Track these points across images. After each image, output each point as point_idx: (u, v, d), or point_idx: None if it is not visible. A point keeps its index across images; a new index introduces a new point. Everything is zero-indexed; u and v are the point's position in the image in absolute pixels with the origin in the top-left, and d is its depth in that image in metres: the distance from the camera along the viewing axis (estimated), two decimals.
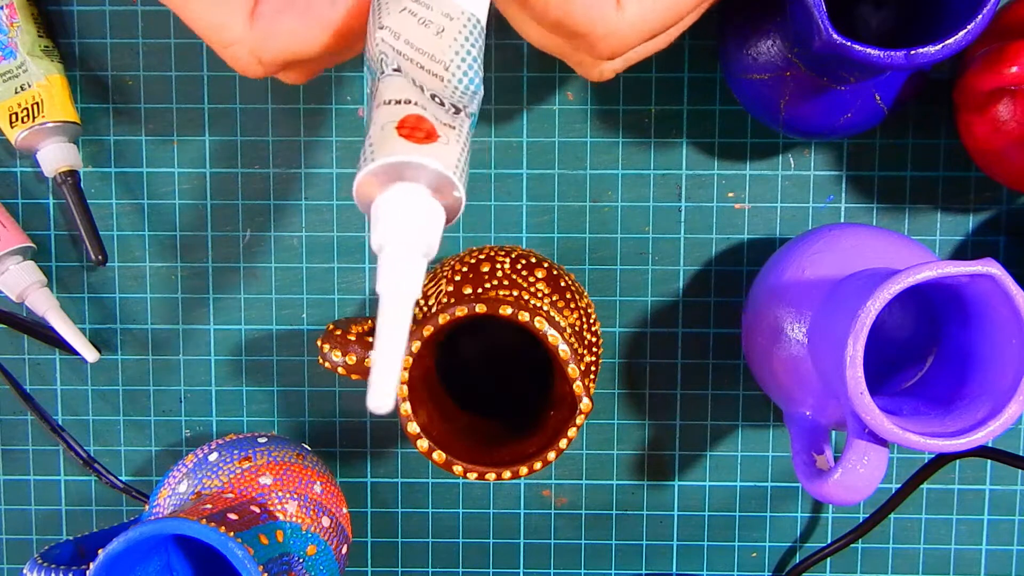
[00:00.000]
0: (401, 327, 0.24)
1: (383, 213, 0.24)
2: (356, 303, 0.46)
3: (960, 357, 0.36)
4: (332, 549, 0.41)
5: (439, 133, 0.25)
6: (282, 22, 0.29)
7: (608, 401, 0.47)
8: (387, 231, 0.24)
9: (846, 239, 0.39)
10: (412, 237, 0.24)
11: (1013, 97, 0.37)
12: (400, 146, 0.24)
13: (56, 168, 0.43)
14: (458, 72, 0.26)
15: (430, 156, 0.24)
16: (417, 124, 0.25)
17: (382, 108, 0.25)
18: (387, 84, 0.26)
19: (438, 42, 0.26)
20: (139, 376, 0.47)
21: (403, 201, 0.24)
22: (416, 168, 0.24)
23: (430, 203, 0.24)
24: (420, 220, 0.24)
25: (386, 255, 0.24)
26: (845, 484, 0.34)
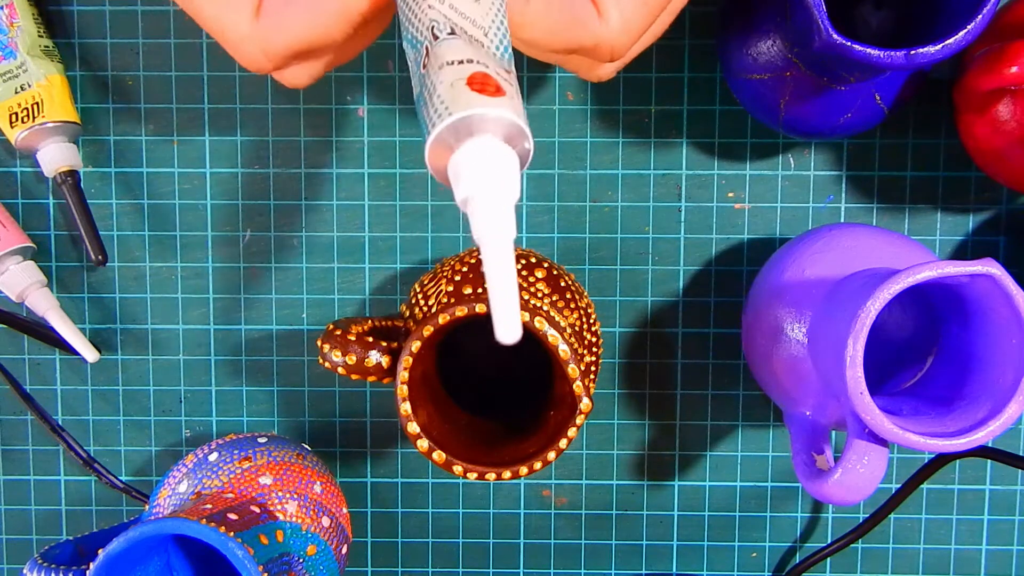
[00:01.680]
0: (508, 265, 0.24)
1: (468, 165, 0.24)
2: (356, 303, 0.46)
3: (960, 357, 0.36)
4: (332, 549, 0.41)
5: (504, 88, 0.25)
6: (288, 13, 0.29)
7: (608, 401, 0.47)
8: (475, 182, 0.24)
9: (846, 239, 0.39)
10: (499, 184, 0.24)
11: (1013, 97, 0.37)
12: (476, 99, 0.24)
13: (56, 168, 0.43)
14: (495, 38, 0.27)
15: (505, 107, 0.24)
16: (486, 80, 0.25)
17: (445, 68, 0.25)
18: (446, 47, 0.26)
19: (477, 7, 0.27)
20: (139, 376, 0.47)
21: (485, 152, 0.24)
22: (491, 121, 0.24)
23: (508, 151, 0.25)
24: (503, 167, 0.24)
25: (477, 204, 0.24)
26: (845, 484, 0.34)
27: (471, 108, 0.24)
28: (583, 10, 0.29)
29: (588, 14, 0.29)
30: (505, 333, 0.24)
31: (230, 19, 0.29)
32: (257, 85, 0.45)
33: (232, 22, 0.29)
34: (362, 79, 0.45)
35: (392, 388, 0.37)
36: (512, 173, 0.25)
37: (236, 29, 0.29)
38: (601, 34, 0.29)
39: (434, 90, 0.25)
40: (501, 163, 0.25)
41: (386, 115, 0.45)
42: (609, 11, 0.29)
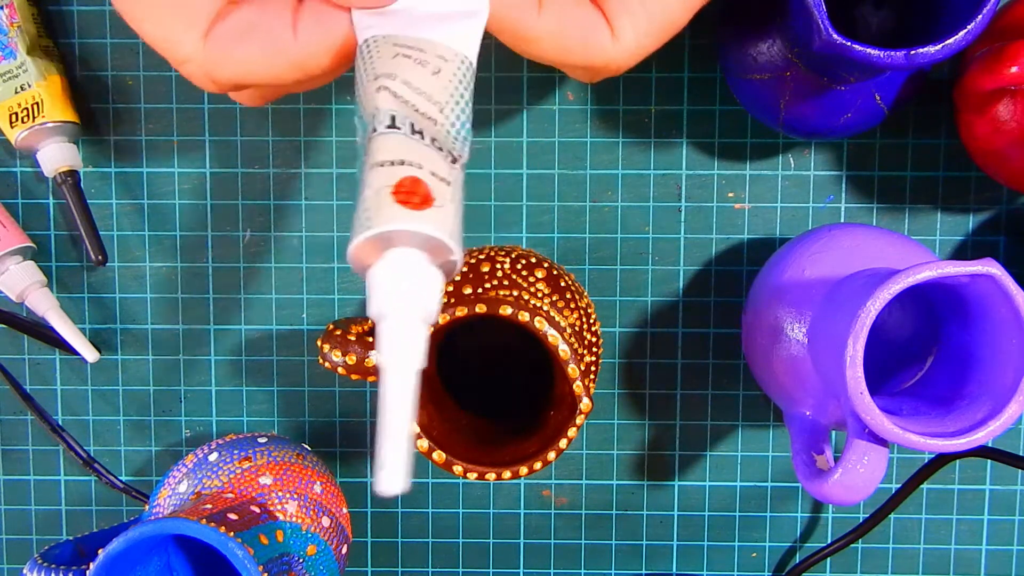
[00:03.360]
0: (407, 399, 0.23)
1: (380, 282, 0.24)
2: (356, 303, 0.46)
3: (960, 357, 0.36)
4: (332, 549, 0.41)
5: (434, 196, 0.24)
6: (239, 47, 0.28)
7: (608, 401, 0.47)
8: (385, 301, 0.23)
9: (846, 239, 0.39)
10: (411, 305, 0.23)
11: (1013, 97, 0.37)
12: (396, 213, 0.23)
13: (56, 168, 0.43)
14: (451, 115, 0.26)
15: (426, 222, 0.23)
16: (413, 188, 0.24)
17: (376, 170, 0.24)
18: (381, 143, 0.25)
19: (435, 82, 0.26)
20: (139, 376, 0.47)
21: (400, 269, 0.24)
22: (412, 235, 0.23)
23: (427, 269, 0.24)
24: (418, 287, 0.24)
25: (386, 326, 0.23)
26: (845, 484, 0.34)
27: (390, 224, 0.23)
28: (596, 29, 0.28)
29: (601, 33, 0.28)
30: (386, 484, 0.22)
31: (176, 38, 0.28)
32: None
33: (178, 41, 0.28)
34: None
35: None
36: (428, 294, 0.24)
37: (181, 49, 0.28)
38: (612, 54, 0.29)
39: (363, 190, 0.24)
40: (417, 284, 0.24)
41: None
42: (624, 31, 0.28)
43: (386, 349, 0.23)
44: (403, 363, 0.23)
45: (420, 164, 0.25)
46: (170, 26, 0.28)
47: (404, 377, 0.23)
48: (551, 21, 0.28)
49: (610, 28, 0.28)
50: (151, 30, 0.28)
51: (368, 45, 0.27)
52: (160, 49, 0.28)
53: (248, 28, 0.28)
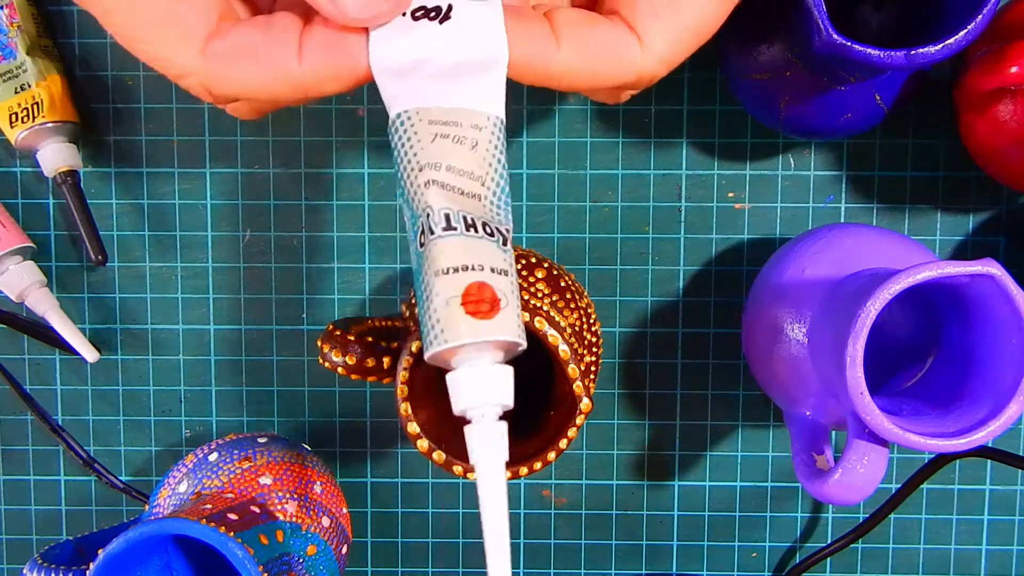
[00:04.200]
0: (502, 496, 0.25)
1: (459, 387, 0.26)
2: (356, 303, 0.46)
3: (960, 357, 0.36)
4: (332, 549, 0.41)
5: (499, 296, 0.25)
6: (239, 65, 0.27)
7: (608, 401, 0.47)
8: (467, 403, 0.26)
9: (846, 239, 0.39)
10: (491, 406, 0.26)
11: (1013, 97, 0.37)
12: (469, 327, 0.25)
13: (56, 168, 0.43)
14: (492, 185, 0.27)
15: (497, 330, 0.25)
16: (480, 295, 0.25)
17: (441, 278, 0.25)
18: (441, 248, 0.25)
19: (474, 157, 0.26)
20: (139, 376, 0.47)
21: (478, 376, 0.25)
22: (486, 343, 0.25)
23: (500, 369, 0.26)
24: (495, 388, 0.26)
25: (472, 428, 0.26)
26: (845, 484, 0.34)
27: (466, 338, 0.24)
28: (622, 44, 0.27)
29: (628, 47, 0.27)
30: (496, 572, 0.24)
31: (171, 55, 0.27)
32: None
33: (173, 58, 0.27)
34: None
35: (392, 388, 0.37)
36: (503, 390, 0.26)
37: (180, 64, 0.28)
38: (643, 66, 0.27)
39: (430, 297, 0.25)
40: (493, 384, 0.25)
41: (386, 115, 0.45)
42: (652, 39, 0.27)
43: (478, 451, 0.25)
44: (492, 460, 0.25)
45: (482, 265, 0.25)
46: (164, 44, 0.27)
47: (497, 474, 0.25)
48: (573, 52, 0.27)
49: (637, 38, 0.27)
50: (146, 49, 0.28)
51: (403, 122, 0.27)
52: (157, 67, 0.28)
53: (249, 47, 0.27)
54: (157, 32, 0.27)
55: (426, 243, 0.25)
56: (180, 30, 0.27)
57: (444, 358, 0.25)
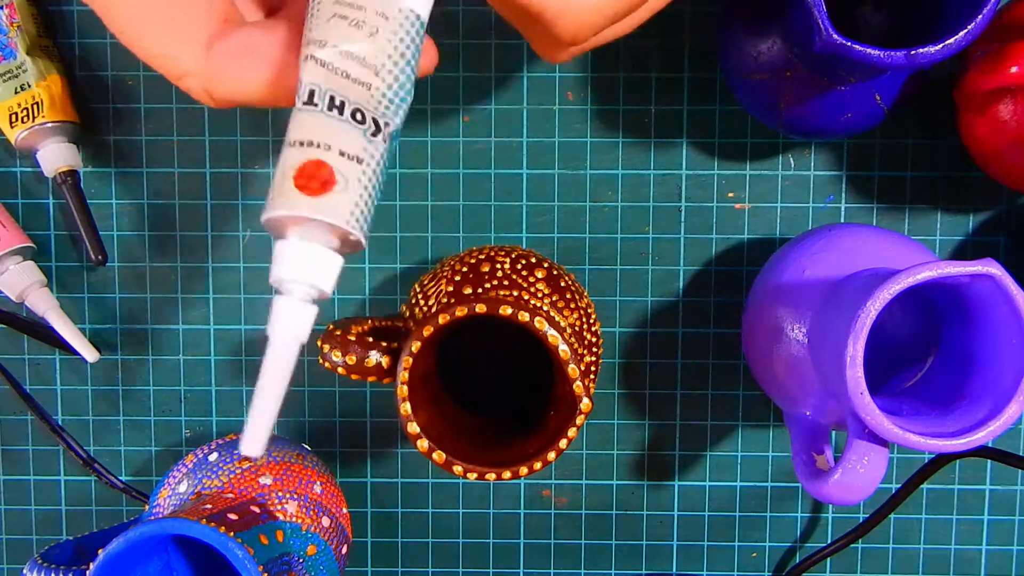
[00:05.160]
0: (283, 372, 0.25)
1: (279, 258, 0.26)
2: (356, 303, 0.46)
3: (960, 357, 0.36)
4: (332, 549, 0.41)
5: (336, 178, 0.25)
6: (241, 67, 0.27)
7: (608, 401, 0.47)
8: (280, 276, 0.26)
9: (846, 239, 0.39)
10: (302, 285, 0.26)
11: (1013, 97, 0.37)
12: (293, 200, 0.25)
13: (56, 168, 0.43)
14: (388, 78, 0.26)
15: (320, 209, 0.25)
16: (314, 172, 0.25)
17: (288, 149, 0.25)
18: (297, 121, 0.26)
19: (371, 44, 0.26)
20: (139, 376, 0.47)
21: (296, 250, 0.26)
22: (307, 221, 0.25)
23: (323, 252, 0.26)
24: (312, 268, 0.26)
25: (278, 300, 0.26)
26: (845, 484, 0.34)
27: (286, 209, 0.25)
28: None
29: None
30: (248, 446, 0.25)
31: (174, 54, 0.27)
32: None
33: (176, 57, 0.27)
34: None
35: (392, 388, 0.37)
36: (322, 275, 0.26)
37: (180, 65, 0.27)
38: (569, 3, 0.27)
39: (277, 167, 0.25)
40: (311, 265, 0.25)
41: None
42: None
43: (274, 322, 0.26)
44: (288, 337, 0.26)
45: (329, 144, 0.25)
46: (168, 42, 0.27)
47: (286, 350, 0.26)
48: None
49: None
50: (149, 46, 0.27)
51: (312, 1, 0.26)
52: (158, 65, 0.28)
53: (251, 49, 0.27)
54: (159, 30, 0.27)
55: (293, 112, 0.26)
56: (183, 28, 0.27)
57: (279, 226, 0.26)
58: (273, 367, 0.26)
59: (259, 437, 0.25)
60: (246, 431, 0.25)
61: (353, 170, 0.26)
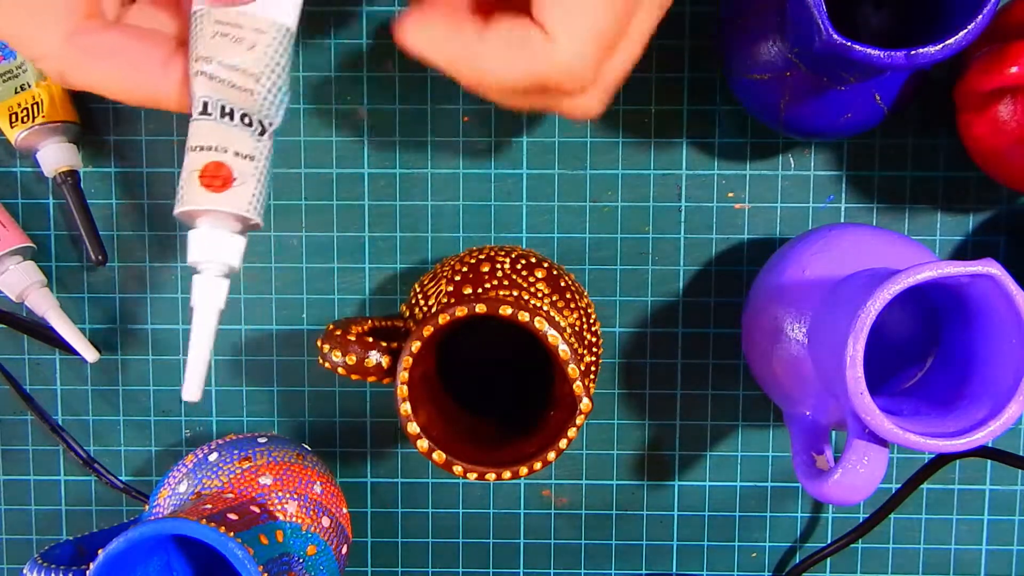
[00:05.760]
0: (209, 333, 0.31)
1: (192, 244, 0.31)
2: (356, 303, 0.46)
3: (960, 357, 0.36)
4: (332, 549, 0.41)
5: (235, 175, 0.31)
6: (101, 64, 0.29)
7: (608, 401, 0.47)
8: (196, 259, 0.31)
9: (846, 239, 0.39)
10: (214, 264, 0.31)
11: (1013, 97, 0.37)
12: (200, 196, 0.30)
13: (56, 168, 0.43)
14: (267, 83, 0.31)
15: (224, 202, 0.30)
16: (216, 172, 0.30)
17: (190, 153, 0.30)
18: (195, 129, 0.30)
19: (250, 56, 0.30)
20: (139, 376, 0.47)
21: (206, 236, 0.31)
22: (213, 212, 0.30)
23: (228, 236, 0.31)
24: (220, 249, 0.31)
25: (195, 278, 0.31)
26: (845, 484, 0.34)
27: (195, 204, 0.30)
28: (526, 33, 0.29)
29: (532, 36, 0.29)
30: (187, 392, 0.31)
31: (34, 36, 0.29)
32: None
33: (33, 38, 0.29)
34: (362, 79, 0.45)
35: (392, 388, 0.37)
36: (229, 254, 0.31)
37: (39, 47, 0.29)
38: (555, 58, 0.29)
39: (183, 168, 0.31)
40: (220, 246, 0.31)
41: (386, 115, 0.45)
42: (556, 33, 0.29)
43: (195, 295, 0.31)
44: (207, 306, 0.31)
45: (225, 147, 0.30)
46: (30, 25, 0.29)
47: (207, 316, 0.31)
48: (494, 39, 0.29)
49: (540, 28, 0.29)
50: (5, 24, 0.29)
51: (196, 18, 0.30)
52: (15, 43, 0.30)
53: (117, 50, 0.30)
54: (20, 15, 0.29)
55: (190, 122, 0.31)
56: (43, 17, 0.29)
57: (189, 218, 0.31)
58: (199, 331, 0.31)
59: (195, 384, 0.31)
60: (185, 381, 0.31)
61: (247, 167, 0.31)
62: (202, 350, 0.31)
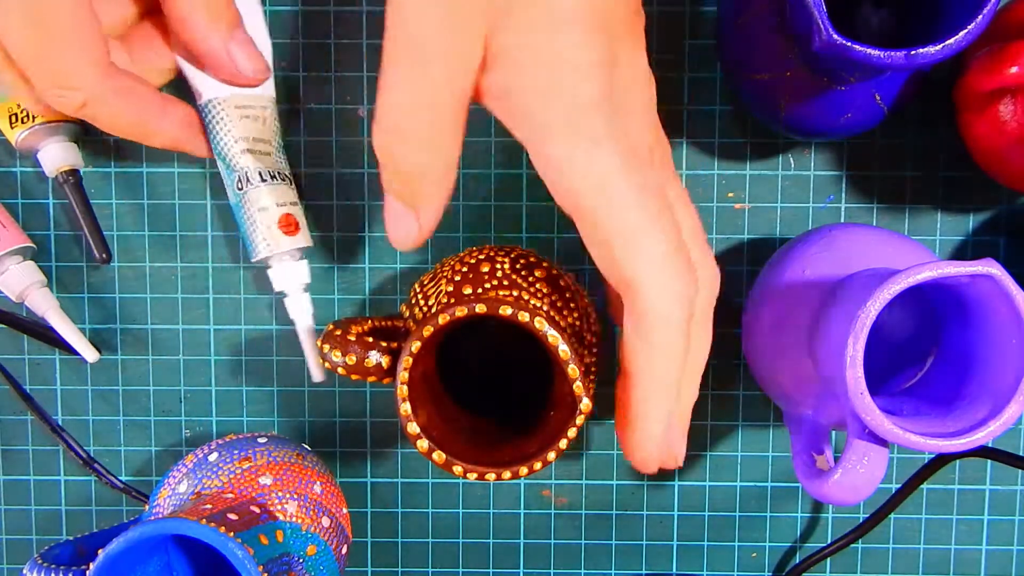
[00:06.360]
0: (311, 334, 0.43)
1: (277, 276, 0.42)
2: (356, 303, 0.46)
3: (960, 357, 0.36)
4: (332, 549, 0.41)
5: (297, 220, 0.41)
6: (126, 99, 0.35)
7: (608, 401, 0.47)
8: (284, 286, 0.43)
9: (846, 239, 0.39)
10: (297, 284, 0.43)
11: (1013, 97, 0.37)
12: (286, 241, 0.41)
13: (57, 167, 0.43)
14: (276, 143, 0.42)
15: (300, 241, 0.42)
16: (288, 221, 0.41)
17: (263, 212, 0.41)
18: (258, 194, 0.41)
19: (264, 128, 0.41)
20: (139, 376, 0.47)
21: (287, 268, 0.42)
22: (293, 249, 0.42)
23: (302, 263, 0.43)
24: (300, 273, 0.43)
25: (288, 299, 0.43)
26: (845, 484, 0.34)
27: (284, 247, 0.41)
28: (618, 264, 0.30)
29: None
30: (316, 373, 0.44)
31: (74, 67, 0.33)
32: None
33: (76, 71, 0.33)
34: (362, 79, 0.45)
35: (392, 388, 0.37)
36: (305, 273, 0.43)
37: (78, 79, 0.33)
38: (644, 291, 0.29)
39: (255, 225, 0.41)
40: (300, 272, 0.42)
41: None
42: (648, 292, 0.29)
43: (294, 312, 0.43)
44: (305, 317, 0.43)
45: (284, 202, 0.41)
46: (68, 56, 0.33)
47: (306, 323, 0.43)
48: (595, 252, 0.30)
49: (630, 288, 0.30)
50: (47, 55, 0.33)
51: (214, 106, 0.40)
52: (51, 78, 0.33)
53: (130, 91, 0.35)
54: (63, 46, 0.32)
55: (247, 189, 0.40)
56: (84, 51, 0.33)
57: (267, 259, 0.42)
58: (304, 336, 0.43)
59: (317, 364, 0.43)
60: (309, 363, 0.44)
61: (298, 211, 0.42)
62: (310, 347, 0.43)
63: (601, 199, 0.29)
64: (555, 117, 0.28)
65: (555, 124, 0.28)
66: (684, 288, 0.30)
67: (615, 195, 0.29)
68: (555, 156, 0.29)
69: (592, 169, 0.28)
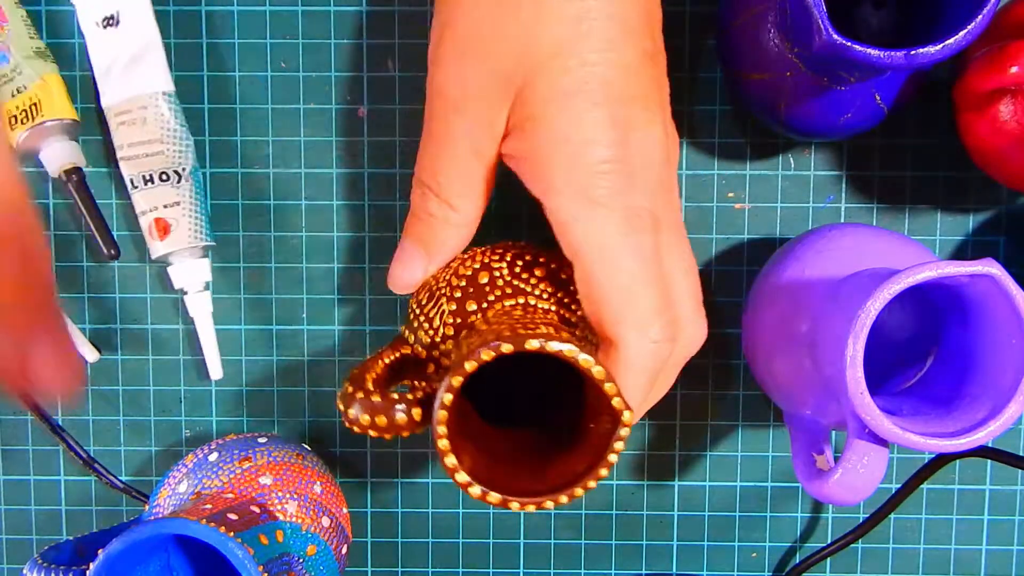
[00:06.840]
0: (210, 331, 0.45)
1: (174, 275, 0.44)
2: (356, 303, 0.46)
3: (960, 357, 0.36)
4: (332, 549, 0.41)
5: (170, 221, 0.42)
6: None
7: None
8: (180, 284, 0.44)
9: (846, 239, 0.39)
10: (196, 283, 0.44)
11: (1013, 97, 0.37)
12: (157, 246, 0.43)
13: (61, 166, 0.43)
14: (169, 140, 0.42)
15: (174, 243, 0.43)
16: (158, 226, 0.42)
17: (143, 215, 0.43)
18: (137, 198, 0.43)
19: (145, 130, 0.42)
20: (139, 376, 0.47)
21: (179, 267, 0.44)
22: None
23: (195, 262, 0.44)
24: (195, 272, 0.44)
25: (186, 298, 0.44)
26: (845, 484, 0.34)
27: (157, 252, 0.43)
28: None
29: None
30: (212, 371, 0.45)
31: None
32: (257, 85, 0.45)
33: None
34: (362, 79, 0.45)
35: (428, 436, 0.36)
36: (201, 273, 0.44)
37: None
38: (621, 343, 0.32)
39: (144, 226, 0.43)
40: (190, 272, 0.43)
41: (386, 115, 0.45)
42: None
43: (192, 310, 0.44)
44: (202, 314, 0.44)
45: (155, 207, 0.42)
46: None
47: (205, 322, 0.45)
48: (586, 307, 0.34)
49: None
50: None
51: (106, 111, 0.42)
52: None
53: None
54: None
55: (132, 194, 0.43)
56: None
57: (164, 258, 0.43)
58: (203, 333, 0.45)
59: (215, 361, 0.45)
60: (208, 361, 0.45)
61: (176, 211, 0.42)
62: (210, 345, 0.44)
63: (597, 258, 0.32)
64: (563, 179, 0.32)
65: (563, 185, 0.32)
66: (659, 350, 0.33)
67: (610, 257, 0.32)
68: (561, 214, 0.32)
69: (591, 229, 0.32)
